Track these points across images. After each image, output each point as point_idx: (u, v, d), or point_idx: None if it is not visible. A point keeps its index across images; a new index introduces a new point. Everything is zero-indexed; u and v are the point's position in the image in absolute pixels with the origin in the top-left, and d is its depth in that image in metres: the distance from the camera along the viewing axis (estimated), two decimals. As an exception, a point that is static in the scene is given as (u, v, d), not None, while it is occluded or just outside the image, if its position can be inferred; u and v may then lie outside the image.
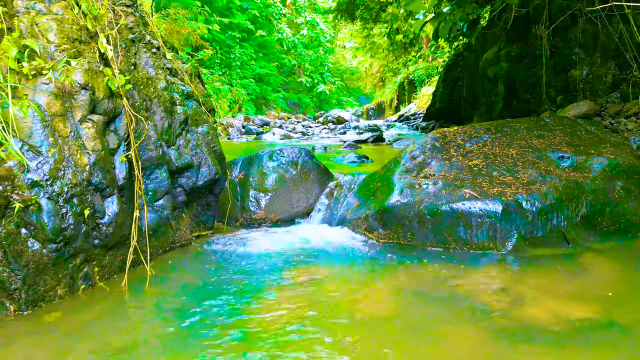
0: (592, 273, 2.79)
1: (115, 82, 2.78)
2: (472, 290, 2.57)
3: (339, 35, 35.13)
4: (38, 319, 2.27)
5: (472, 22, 7.44)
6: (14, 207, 2.25)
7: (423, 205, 3.39)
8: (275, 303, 2.46)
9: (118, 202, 2.75)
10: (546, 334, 2.05)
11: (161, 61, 3.45)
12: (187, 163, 3.42)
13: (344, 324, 2.22)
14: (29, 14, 2.65)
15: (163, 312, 2.40)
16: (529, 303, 2.37)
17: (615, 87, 5.77)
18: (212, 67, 21.24)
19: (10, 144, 2.30)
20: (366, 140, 11.00)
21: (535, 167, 3.65)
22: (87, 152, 2.61)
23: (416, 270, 2.94)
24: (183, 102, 3.56)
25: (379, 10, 16.98)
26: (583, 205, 3.39)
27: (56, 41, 2.64)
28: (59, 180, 2.44)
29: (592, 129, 4.43)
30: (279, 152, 4.49)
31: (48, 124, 2.47)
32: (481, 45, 9.63)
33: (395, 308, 2.40)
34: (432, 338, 2.06)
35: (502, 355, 1.92)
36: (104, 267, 2.74)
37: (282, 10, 29.58)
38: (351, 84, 39.27)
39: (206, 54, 13.58)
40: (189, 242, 3.50)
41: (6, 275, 2.26)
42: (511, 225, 3.20)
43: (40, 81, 2.51)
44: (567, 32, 6.29)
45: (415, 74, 23.97)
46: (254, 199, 4.25)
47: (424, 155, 3.93)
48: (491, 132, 4.23)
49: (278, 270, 2.95)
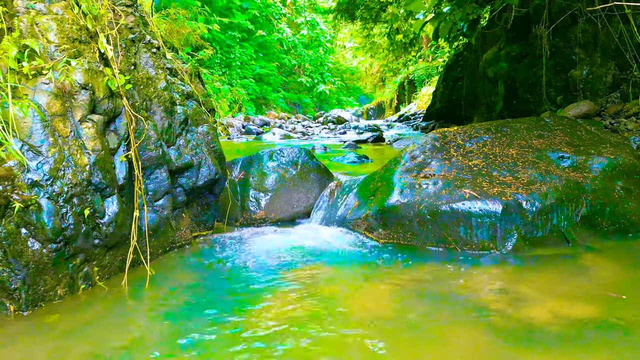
0: (592, 273, 2.79)
1: (115, 82, 2.78)
2: (472, 290, 2.57)
3: (339, 35, 35.14)
4: (38, 319, 2.27)
5: (472, 22, 7.44)
6: (14, 207, 2.25)
7: (423, 205, 3.39)
8: (275, 303, 2.46)
9: (118, 202, 2.76)
10: (546, 333, 2.05)
11: (161, 61, 3.45)
12: (187, 163, 3.42)
13: (344, 323, 2.21)
14: (29, 13, 2.65)
15: (163, 312, 2.40)
16: (529, 303, 2.37)
17: (615, 87, 5.77)
18: (212, 67, 21.26)
19: (10, 143, 2.30)
20: (366, 140, 11.01)
21: (535, 167, 3.65)
22: (87, 152, 2.60)
23: (416, 270, 2.94)
24: (183, 102, 3.56)
25: (379, 10, 16.98)
26: (583, 205, 3.39)
27: (56, 41, 2.64)
28: (59, 180, 2.44)
29: (592, 129, 4.43)
30: (279, 152, 4.49)
31: (48, 123, 2.47)
32: (481, 45, 9.64)
33: (395, 308, 2.40)
34: (432, 338, 2.07)
35: (502, 355, 1.92)
36: (103, 267, 2.74)
37: (282, 10, 29.61)
38: (351, 84, 39.28)
39: (206, 54, 13.58)
40: (188, 242, 3.50)
41: (6, 275, 2.26)
42: (511, 225, 3.20)
43: (40, 81, 2.51)
44: (567, 32, 6.29)
45: (415, 74, 23.99)
46: (254, 199, 4.25)
47: (424, 155, 3.93)
48: (491, 132, 4.23)
49: (278, 270, 2.95)
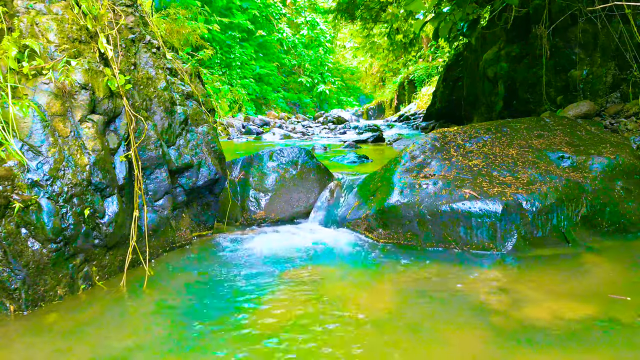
0: (592, 273, 2.79)
1: (115, 82, 2.78)
2: (472, 290, 2.57)
3: (339, 35, 35.14)
4: (38, 319, 2.27)
5: (472, 22, 7.44)
6: (14, 207, 2.25)
7: (423, 205, 3.39)
8: (275, 303, 2.46)
9: (118, 202, 2.76)
10: (546, 334, 2.05)
11: (161, 61, 3.45)
12: (187, 163, 3.42)
13: (344, 323, 2.21)
14: (29, 13, 2.65)
15: (162, 312, 2.40)
16: (529, 303, 2.37)
17: (615, 87, 5.77)
18: (212, 67, 21.27)
19: (10, 143, 2.30)
20: (366, 140, 11.01)
21: (535, 167, 3.65)
22: (87, 152, 2.60)
23: (416, 270, 2.94)
24: (183, 102, 3.56)
25: (379, 10, 16.99)
26: (583, 205, 3.39)
27: (56, 41, 2.64)
28: (59, 180, 2.44)
29: (592, 129, 4.43)
30: (279, 152, 4.49)
31: (48, 123, 2.47)
32: (481, 45, 9.64)
33: (395, 308, 2.40)
34: (432, 338, 2.06)
35: (502, 356, 1.91)
36: (103, 267, 2.74)
37: (282, 10, 29.62)
38: (351, 84, 39.28)
39: (206, 54, 13.60)
40: (188, 242, 3.50)
41: (6, 275, 2.26)
42: (511, 225, 3.20)
43: (41, 81, 2.51)
44: (567, 32, 6.29)
45: (415, 74, 23.99)
46: (254, 198, 4.25)
47: (424, 155, 3.93)
48: (491, 132, 4.23)
49: (278, 270, 2.95)
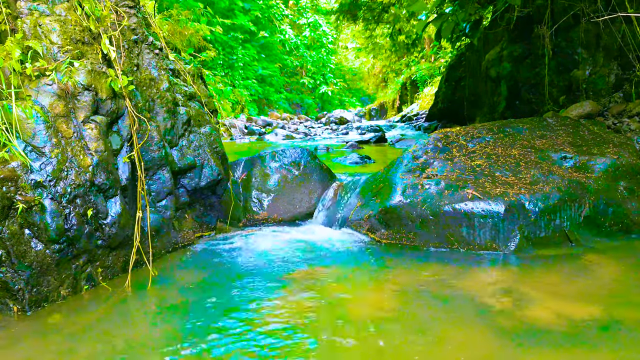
0: (595, 273, 2.78)
1: (118, 83, 2.79)
2: (475, 290, 2.57)
3: (342, 36, 35.15)
4: (41, 320, 2.28)
5: (474, 23, 7.44)
6: (17, 208, 2.26)
7: (425, 205, 3.38)
8: (277, 303, 2.46)
9: (121, 202, 2.76)
10: (549, 334, 2.05)
11: (164, 62, 3.46)
12: (190, 164, 3.43)
13: (346, 323, 2.22)
14: (32, 15, 2.66)
15: (165, 313, 2.40)
16: (532, 303, 2.37)
17: (618, 87, 5.75)
18: (214, 68, 21.31)
19: (13, 145, 2.31)
20: (368, 140, 11.01)
21: (537, 167, 3.64)
22: (90, 153, 2.61)
23: (419, 270, 2.93)
24: (186, 103, 3.57)
25: (382, 11, 16.99)
26: (586, 205, 3.38)
27: (59, 42, 2.65)
28: (62, 181, 2.45)
29: (595, 129, 4.41)
30: (281, 153, 4.49)
31: (51, 125, 2.47)
32: (483, 45, 9.62)
33: (398, 308, 2.40)
34: (434, 338, 2.06)
35: (505, 355, 1.91)
36: (106, 267, 2.75)
37: (285, 12, 29.64)
38: (353, 84, 39.28)
39: (209, 55, 13.61)
40: (191, 242, 3.51)
41: (10, 275, 2.27)
42: (514, 225, 3.19)
43: (44, 82, 2.52)
44: (570, 32, 6.27)
45: (418, 74, 23.96)
46: (257, 199, 4.25)
47: (427, 156, 3.93)
48: (493, 132, 4.22)
49: (280, 271, 2.95)
